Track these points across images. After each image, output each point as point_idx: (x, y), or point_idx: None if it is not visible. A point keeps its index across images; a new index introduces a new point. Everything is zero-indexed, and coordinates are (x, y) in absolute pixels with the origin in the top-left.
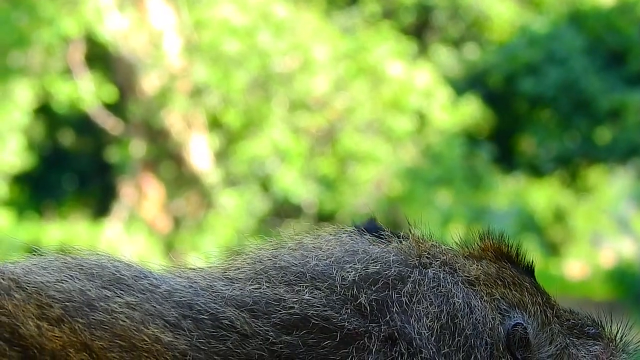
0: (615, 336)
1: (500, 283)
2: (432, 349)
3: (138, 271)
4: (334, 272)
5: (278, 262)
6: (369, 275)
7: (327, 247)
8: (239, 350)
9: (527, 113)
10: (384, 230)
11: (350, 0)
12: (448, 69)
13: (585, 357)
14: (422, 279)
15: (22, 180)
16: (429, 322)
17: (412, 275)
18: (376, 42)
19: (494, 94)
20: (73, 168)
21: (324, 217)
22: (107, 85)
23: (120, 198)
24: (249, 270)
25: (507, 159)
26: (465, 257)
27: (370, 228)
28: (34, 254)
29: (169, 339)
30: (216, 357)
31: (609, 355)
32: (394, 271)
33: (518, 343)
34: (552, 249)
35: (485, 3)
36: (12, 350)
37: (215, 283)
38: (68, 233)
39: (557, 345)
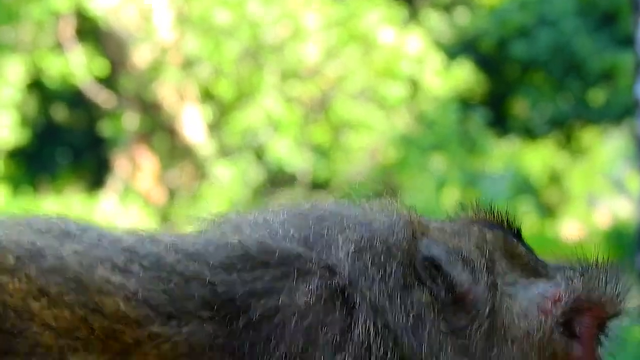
0: (570, 270)
1: (445, 230)
2: (348, 270)
3: (85, 226)
4: (271, 218)
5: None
6: (301, 213)
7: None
8: (182, 290)
9: (520, 76)
10: None
11: None
12: (439, 35)
13: (528, 295)
14: (350, 210)
15: (16, 155)
16: (348, 245)
17: (342, 209)
18: (367, 8)
19: (486, 58)
20: (67, 142)
21: (319, 186)
22: (98, 59)
23: (115, 171)
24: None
25: (501, 122)
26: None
27: None
28: None
29: (119, 280)
30: (165, 296)
31: (557, 288)
32: (322, 206)
33: (430, 273)
34: (548, 211)
35: None
36: None
37: (158, 235)
38: (63, 206)
39: (488, 283)
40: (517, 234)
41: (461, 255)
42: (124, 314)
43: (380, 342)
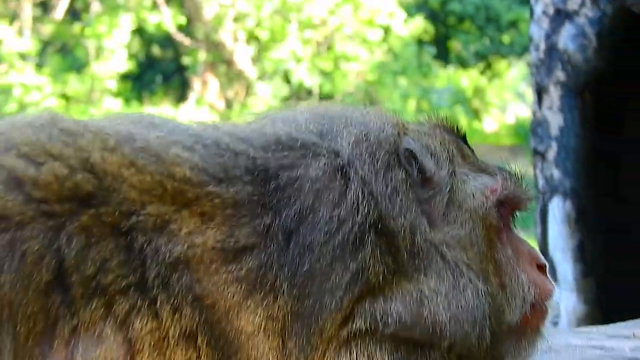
0: (507, 174)
1: (419, 131)
2: (348, 155)
3: (166, 119)
4: (297, 116)
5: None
6: (319, 113)
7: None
8: (232, 162)
9: (456, 25)
10: None
11: None
12: None
13: (476, 183)
14: (354, 113)
15: (126, 78)
16: (350, 137)
17: (347, 112)
18: None
19: (434, 12)
20: (160, 70)
21: (325, 97)
22: (180, 14)
23: (192, 89)
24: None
25: (444, 56)
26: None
27: None
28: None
29: (186, 155)
30: (219, 166)
31: (497, 184)
32: (334, 109)
33: (408, 160)
34: (475, 114)
35: None
36: (87, 174)
37: (218, 125)
38: (158, 113)
39: (449, 171)
40: (464, 139)
41: (430, 149)
42: (189, 178)
43: (366, 204)
